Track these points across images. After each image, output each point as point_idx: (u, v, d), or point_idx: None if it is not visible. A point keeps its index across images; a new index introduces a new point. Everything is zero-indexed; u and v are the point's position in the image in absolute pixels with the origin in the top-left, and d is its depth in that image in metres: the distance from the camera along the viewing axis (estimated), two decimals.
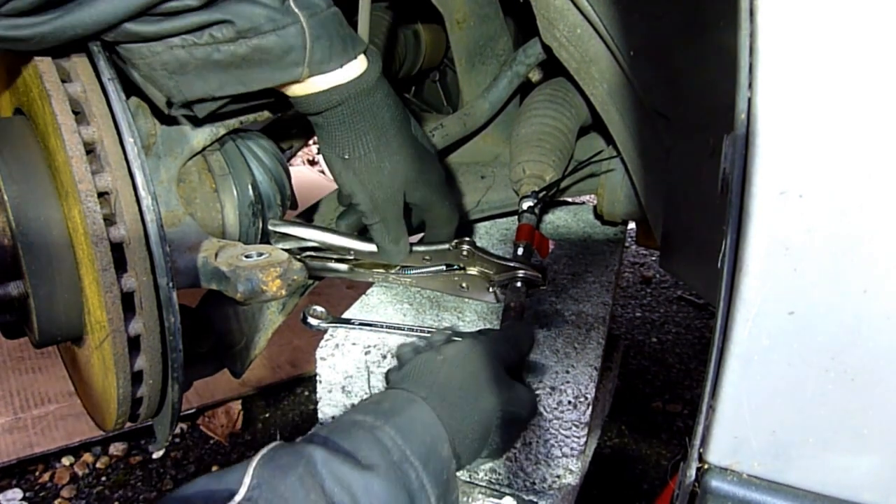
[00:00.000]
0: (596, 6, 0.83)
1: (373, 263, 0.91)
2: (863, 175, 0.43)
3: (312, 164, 3.69)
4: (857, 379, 0.46)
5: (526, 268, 0.86)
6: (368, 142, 0.73)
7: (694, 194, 0.70)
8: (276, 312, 0.96)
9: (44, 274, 0.65)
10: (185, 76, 0.65)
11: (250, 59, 0.64)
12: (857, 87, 0.42)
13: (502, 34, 1.22)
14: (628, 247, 2.82)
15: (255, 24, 0.61)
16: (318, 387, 0.93)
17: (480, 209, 1.22)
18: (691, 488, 0.52)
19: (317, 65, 0.66)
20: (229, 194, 0.82)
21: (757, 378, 0.48)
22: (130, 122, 0.63)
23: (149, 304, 0.64)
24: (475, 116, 1.19)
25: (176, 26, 0.60)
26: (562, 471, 0.79)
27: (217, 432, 1.69)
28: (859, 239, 0.44)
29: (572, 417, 0.77)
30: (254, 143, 0.88)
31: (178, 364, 0.67)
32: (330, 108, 0.70)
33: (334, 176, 0.77)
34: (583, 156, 1.13)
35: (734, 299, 0.47)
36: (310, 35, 0.64)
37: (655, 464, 1.65)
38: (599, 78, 0.90)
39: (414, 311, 0.98)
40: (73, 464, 1.56)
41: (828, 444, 0.48)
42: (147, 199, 0.63)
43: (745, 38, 0.44)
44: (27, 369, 1.73)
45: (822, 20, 0.42)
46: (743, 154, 0.45)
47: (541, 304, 1.00)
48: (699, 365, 2.04)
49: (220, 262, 0.72)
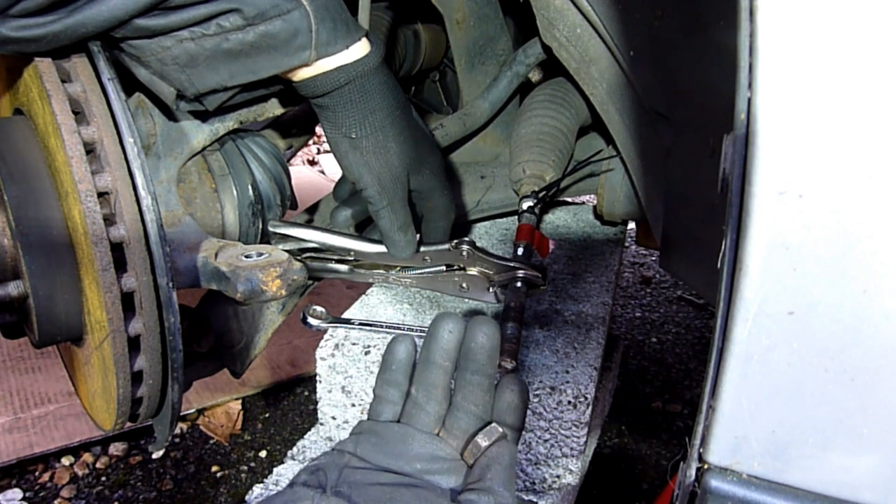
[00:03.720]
0: (596, 6, 0.83)
1: (373, 264, 0.91)
2: (863, 175, 0.43)
3: (312, 164, 3.69)
4: (857, 379, 0.46)
5: (526, 268, 0.86)
6: (375, 121, 0.74)
7: (694, 194, 0.70)
8: (276, 312, 0.96)
9: (44, 274, 0.65)
10: (197, 68, 0.65)
11: (259, 45, 0.65)
12: (857, 87, 0.42)
13: (502, 34, 1.22)
14: (628, 247, 2.82)
15: (261, 10, 0.62)
16: (318, 387, 0.93)
17: (480, 209, 1.22)
18: (691, 488, 0.52)
19: (323, 47, 0.67)
20: (229, 194, 0.82)
21: (757, 378, 0.48)
22: (130, 122, 0.63)
23: (149, 304, 0.64)
24: (475, 116, 1.19)
25: (184, 18, 0.61)
26: (562, 471, 0.79)
27: (217, 432, 1.69)
28: (859, 238, 0.44)
29: (572, 417, 0.77)
30: (253, 143, 0.88)
31: (178, 364, 0.67)
32: (337, 89, 0.71)
33: (339, 159, 0.77)
34: (583, 156, 1.14)
35: (734, 299, 0.47)
36: (314, 18, 0.65)
37: (655, 464, 1.65)
38: (599, 78, 0.90)
39: (414, 311, 0.98)
40: (73, 464, 1.56)
41: (827, 443, 0.48)
42: (147, 199, 0.63)
43: (745, 38, 0.44)
44: (27, 369, 1.73)
45: (821, 20, 0.42)
46: (743, 154, 0.45)
47: (541, 304, 1.00)
48: (699, 365, 2.04)
49: (220, 262, 0.72)
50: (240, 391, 1.77)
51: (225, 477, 1.58)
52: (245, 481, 1.57)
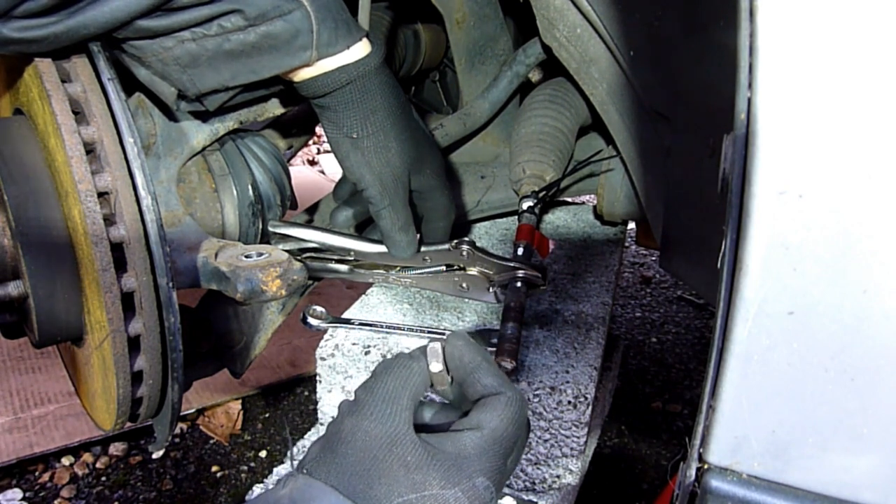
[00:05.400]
0: (596, 6, 0.83)
1: (373, 264, 0.91)
2: (862, 175, 0.43)
3: (312, 164, 3.69)
4: (857, 379, 0.46)
5: (526, 268, 0.86)
6: (376, 120, 0.74)
7: (694, 194, 0.70)
8: (276, 312, 0.96)
9: (44, 274, 0.65)
10: (198, 69, 0.66)
11: (260, 46, 0.65)
12: (856, 87, 0.42)
13: (502, 34, 1.22)
14: (628, 247, 2.82)
15: (262, 10, 0.62)
16: (318, 387, 0.93)
17: (480, 209, 1.22)
18: (691, 488, 0.52)
19: (324, 47, 0.67)
20: (229, 194, 0.82)
21: (757, 378, 0.48)
22: (130, 122, 0.63)
23: (149, 304, 0.64)
24: (475, 116, 1.19)
25: (186, 19, 0.61)
26: (562, 471, 0.79)
27: (217, 432, 1.69)
28: (859, 238, 0.44)
29: (572, 417, 0.77)
30: (253, 143, 0.88)
31: (178, 364, 0.67)
32: (338, 89, 0.71)
33: (340, 159, 0.77)
34: (583, 156, 1.14)
35: (734, 299, 0.47)
36: (315, 18, 0.65)
37: (655, 464, 1.65)
38: (599, 78, 0.90)
39: (414, 311, 0.98)
40: (72, 464, 1.56)
41: (827, 443, 0.48)
42: (147, 199, 0.63)
43: (745, 38, 0.44)
44: (27, 369, 1.73)
45: (821, 20, 0.42)
46: (743, 154, 0.45)
47: (541, 304, 1.00)
48: (699, 365, 2.04)
49: (220, 262, 0.72)
50: (240, 391, 1.77)
51: (225, 477, 1.58)
52: (245, 481, 1.57)
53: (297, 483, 0.50)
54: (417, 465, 0.49)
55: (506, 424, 0.53)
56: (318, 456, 0.52)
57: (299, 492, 0.49)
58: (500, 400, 0.54)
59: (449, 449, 0.51)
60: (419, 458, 0.50)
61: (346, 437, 0.51)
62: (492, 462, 0.51)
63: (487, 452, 0.51)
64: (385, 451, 0.50)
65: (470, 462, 0.50)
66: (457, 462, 0.50)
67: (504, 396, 0.54)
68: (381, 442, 0.50)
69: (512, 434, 0.53)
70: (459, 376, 0.56)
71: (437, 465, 0.50)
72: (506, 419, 0.53)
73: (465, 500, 0.49)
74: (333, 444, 0.52)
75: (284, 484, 0.51)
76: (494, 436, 0.52)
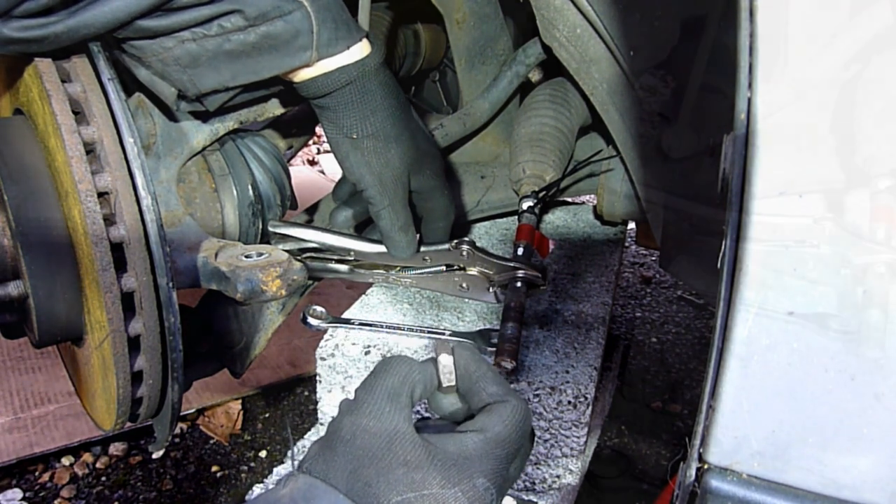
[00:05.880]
0: (596, 6, 0.83)
1: (373, 264, 0.91)
2: (862, 175, 0.43)
3: (312, 164, 3.69)
4: (857, 379, 0.46)
5: (526, 268, 0.86)
6: (376, 121, 0.74)
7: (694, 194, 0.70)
8: (276, 312, 0.96)
9: (44, 274, 0.65)
10: (198, 69, 0.66)
11: (260, 46, 0.65)
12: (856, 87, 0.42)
13: (502, 34, 1.22)
14: (628, 247, 2.82)
15: (262, 10, 0.62)
16: (318, 387, 0.93)
17: (480, 209, 1.22)
18: (691, 488, 0.52)
19: (324, 47, 0.67)
20: (229, 194, 0.82)
21: (757, 378, 0.48)
22: (130, 122, 0.63)
23: (149, 304, 0.64)
24: (475, 116, 1.19)
25: (186, 19, 0.61)
26: (562, 471, 0.79)
27: (217, 432, 1.69)
28: (859, 238, 0.44)
29: (572, 417, 0.77)
30: (253, 143, 0.88)
31: (178, 364, 0.67)
32: (338, 89, 0.71)
33: (340, 160, 0.77)
34: (583, 156, 1.14)
35: (734, 299, 0.47)
36: (315, 19, 0.65)
37: (655, 464, 1.65)
38: (599, 78, 0.90)
39: (414, 311, 0.98)
40: (72, 464, 1.56)
41: (828, 444, 0.48)
42: (147, 199, 0.63)
43: (745, 38, 0.44)
44: (27, 369, 1.73)
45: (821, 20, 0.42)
46: (743, 154, 0.45)
47: (541, 304, 1.00)
48: (699, 365, 2.04)
49: (220, 262, 0.72)
50: (240, 391, 1.77)
51: (225, 477, 1.58)
52: (245, 481, 1.57)
53: (297, 482, 0.50)
54: (417, 463, 0.49)
55: (510, 430, 0.53)
56: (318, 455, 0.52)
57: (299, 491, 0.49)
58: (505, 406, 0.54)
59: (450, 449, 0.51)
60: (419, 457, 0.50)
61: (346, 435, 0.51)
62: (493, 465, 0.51)
63: (489, 455, 0.51)
64: (384, 450, 0.50)
65: (471, 463, 0.50)
66: (458, 462, 0.50)
67: (510, 404, 0.54)
68: (380, 440, 0.50)
69: (515, 440, 0.53)
70: (465, 385, 0.57)
71: (437, 464, 0.50)
72: (510, 424, 0.53)
73: (464, 500, 0.49)
74: (333, 442, 0.52)
75: (284, 483, 0.51)
76: (497, 439, 0.52)
